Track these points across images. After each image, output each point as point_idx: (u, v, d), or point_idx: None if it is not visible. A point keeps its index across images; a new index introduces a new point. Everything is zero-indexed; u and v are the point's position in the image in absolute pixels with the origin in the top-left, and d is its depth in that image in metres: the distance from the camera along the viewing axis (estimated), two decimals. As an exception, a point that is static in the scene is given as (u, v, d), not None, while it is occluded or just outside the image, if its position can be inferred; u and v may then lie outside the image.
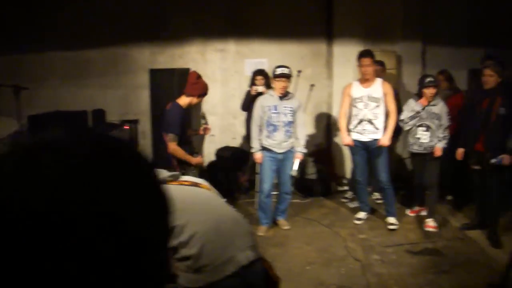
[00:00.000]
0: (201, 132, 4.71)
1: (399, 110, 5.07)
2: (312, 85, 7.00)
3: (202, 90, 4.33)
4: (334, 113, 6.78)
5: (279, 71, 4.75)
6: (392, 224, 5.02)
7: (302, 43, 7.11)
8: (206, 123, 4.74)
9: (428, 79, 4.86)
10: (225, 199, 2.10)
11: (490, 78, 4.42)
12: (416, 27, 6.73)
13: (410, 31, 6.71)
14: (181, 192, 1.85)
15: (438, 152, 4.87)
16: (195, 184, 1.99)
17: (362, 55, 4.84)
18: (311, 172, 6.78)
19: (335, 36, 6.88)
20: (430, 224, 5.01)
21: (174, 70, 6.45)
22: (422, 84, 4.89)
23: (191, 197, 1.89)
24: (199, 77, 4.39)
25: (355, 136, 4.98)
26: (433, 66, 6.48)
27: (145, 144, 6.98)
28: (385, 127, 4.86)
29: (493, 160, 4.38)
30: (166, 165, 3.91)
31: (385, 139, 4.82)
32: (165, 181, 1.90)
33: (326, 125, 7.25)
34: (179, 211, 1.75)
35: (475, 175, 4.73)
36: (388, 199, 5.08)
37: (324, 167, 6.80)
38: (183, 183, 1.96)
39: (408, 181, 5.79)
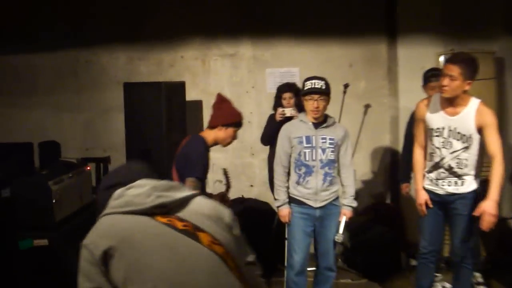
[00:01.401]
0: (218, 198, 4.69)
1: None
2: (367, 106, 7.00)
3: (229, 118, 4.46)
4: (402, 145, 6.74)
5: (308, 85, 4.76)
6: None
7: (350, 43, 7.18)
8: (226, 182, 4.80)
9: None
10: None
11: None
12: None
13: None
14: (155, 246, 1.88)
15: None
16: (193, 233, 1.99)
17: (449, 59, 4.69)
18: (368, 237, 6.69)
19: (400, 32, 6.91)
20: None
21: (161, 84, 6.51)
22: None
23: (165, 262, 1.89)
24: (223, 100, 4.53)
25: (426, 183, 4.88)
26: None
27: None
28: (491, 179, 4.61)
29: None
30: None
31: (489, 206, 4.36)
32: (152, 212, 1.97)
33: (390, 165, 7.20)
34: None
35: None
36: (459, 280, 4.95)
37: (388, 230, 6.70)
38: (178, 225, 1.99)
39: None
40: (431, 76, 5.50)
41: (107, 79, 7.24)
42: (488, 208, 4.32)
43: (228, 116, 4.46)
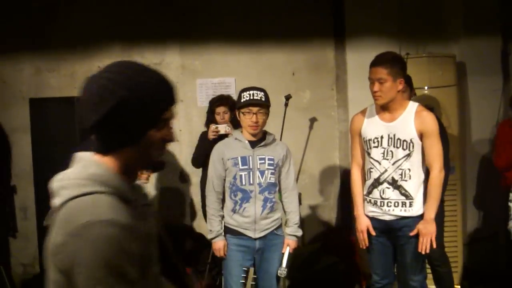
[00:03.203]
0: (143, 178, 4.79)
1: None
2: (313, 119, 7.03)
3: None
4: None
5: (246, 96, 4.74)
6: None
7: (293, 49, 7.22)
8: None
9: None
10: None
11: None
12: (489, 14, 6.89)
13: (479, 22, 6.87)
14: None
15: None
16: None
17: (371, 63, 4.79)
18: (316, 269, 6.70)
19: (348, 35, 6.99)
20: None
21: (74, 99, 6.39)
22: None
23: None
24: None
25: (369, 211, 4.89)
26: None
27: (28, 228, 6.86)
28: (425, 195, 4.76)
29: None
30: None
31: (427, 226, 4.72)
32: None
33: (340, 186, 7.25)
34: None
35: None
36: None
37: (339, 261, 6.73)
38: None
39: None
40: None
41: (9, 94, 7.05)
42: (422, 229, 4.57)
43: None
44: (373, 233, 4.81)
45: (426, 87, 6.16)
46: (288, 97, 6.35)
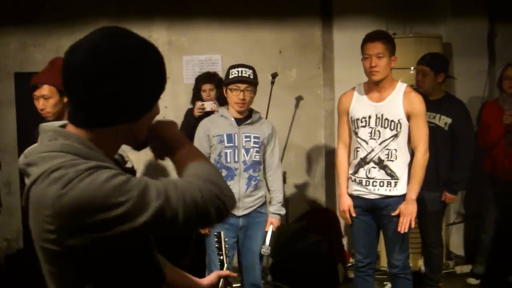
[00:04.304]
0: None
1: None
2: (299, 98, 7.05)
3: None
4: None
5: (234, 73, 4.76)
6: None
7: (280, 27, 7.22)
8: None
9: None
10: None
11: None
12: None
13: (466, 3, 6.91)
14: None
15: None
16: None
17: (368, 38, 4.84)
18: (301, 247, 6.72)
19: (335, 14, 7.00)
20: None
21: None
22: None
23: None
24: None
25: (354, 189, 4.93)
26: (506, 59, 6.65)
27: (12, 203, 6.86)
28: (410, 176, 4.81)
29: None
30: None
31: (409, 206, 4.79)
32: None
33: (326, 165, 7.29)
34: None
35: None
36: None
37: (324, 239, 6.74)
38: None
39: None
40: None
41: (-6, 68, 7.02)
42: (404, 209, 4.66)
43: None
44: (354, 214, 4.87)
45: (412, 68, 6.17)
46: (274, 75, 6.35)
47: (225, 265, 3.33)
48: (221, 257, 3.34)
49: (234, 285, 5.10)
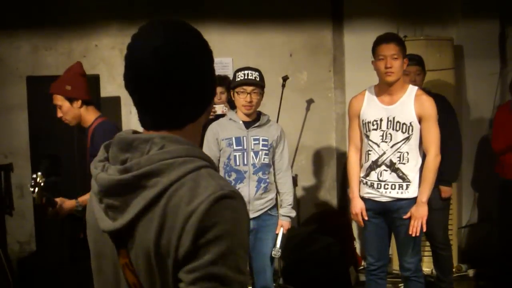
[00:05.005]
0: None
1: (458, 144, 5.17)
2: (310, 101, 7.06)
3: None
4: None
5: (241, 75, 4.77)
6: None
7: (291, 30, 7.22)
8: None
9: None
10: None
11: None
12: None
13: (477, 5, 6.88)
14: None
15: None
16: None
17: (382, 40, 4.83)
18: (311, 250, 6.72)
19: (346, 16, 7.01)
20: None
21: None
22: None
23: None
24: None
25: (365, 192, 4.93)
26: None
27: (25, 206, 6.90)
28: (421, 179, 4.79)
29: None
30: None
31: (420, 209, 4.73)
32: None
33: (337, 168, 7.30)
34: None
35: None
36: None
37: (335, 242, 6.74)
38: None
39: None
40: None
41: (6, 72, 7.05)
42: (414, 212, 4.65)
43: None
44: (366, 217, 4.86)
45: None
46: (285, 78, 6.37)
47: None
48: None
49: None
